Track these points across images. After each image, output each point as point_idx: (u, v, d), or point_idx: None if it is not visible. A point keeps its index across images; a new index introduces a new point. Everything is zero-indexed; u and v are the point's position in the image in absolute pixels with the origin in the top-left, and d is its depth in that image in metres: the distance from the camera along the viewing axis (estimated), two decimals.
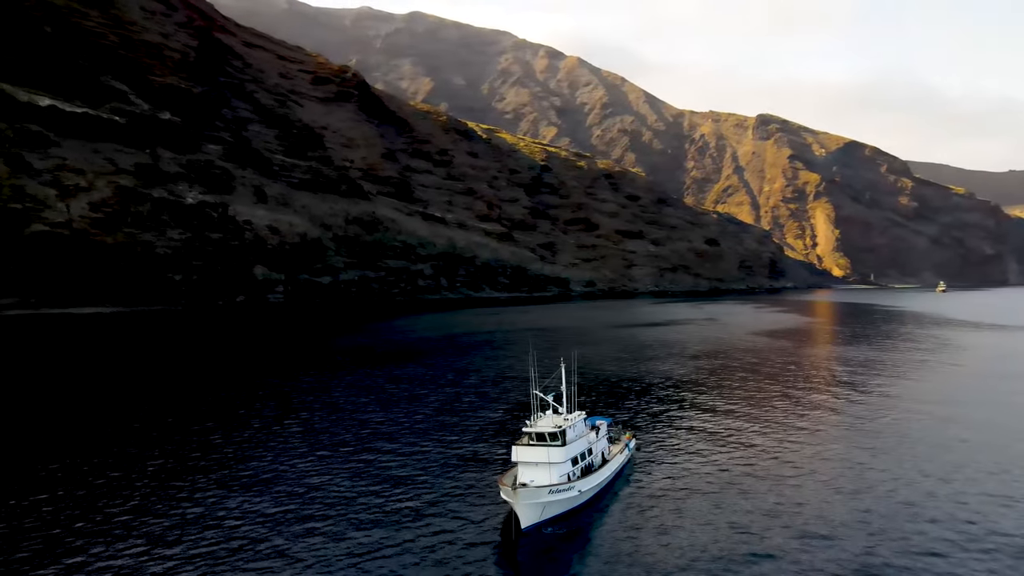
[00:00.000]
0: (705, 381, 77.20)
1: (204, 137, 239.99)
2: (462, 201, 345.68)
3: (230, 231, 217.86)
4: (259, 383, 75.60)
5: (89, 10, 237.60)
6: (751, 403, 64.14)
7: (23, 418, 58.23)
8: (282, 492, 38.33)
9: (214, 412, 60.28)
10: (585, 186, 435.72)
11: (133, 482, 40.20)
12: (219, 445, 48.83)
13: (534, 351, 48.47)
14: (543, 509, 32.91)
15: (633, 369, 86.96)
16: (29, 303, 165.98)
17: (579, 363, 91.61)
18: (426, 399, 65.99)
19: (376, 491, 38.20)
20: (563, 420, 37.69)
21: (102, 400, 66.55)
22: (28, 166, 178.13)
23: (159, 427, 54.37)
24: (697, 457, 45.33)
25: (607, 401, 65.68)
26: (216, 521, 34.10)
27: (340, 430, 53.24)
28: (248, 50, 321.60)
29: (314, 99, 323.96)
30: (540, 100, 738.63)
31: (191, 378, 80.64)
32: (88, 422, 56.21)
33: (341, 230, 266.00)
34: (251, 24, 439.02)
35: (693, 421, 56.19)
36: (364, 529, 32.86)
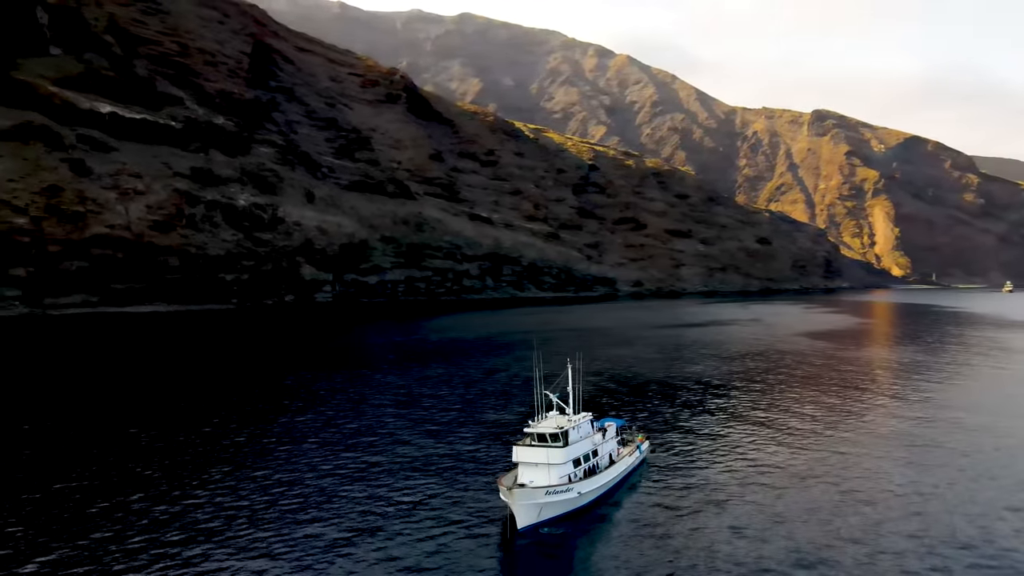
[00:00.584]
0: (735, 384, 76.30)
1: (256, 140, 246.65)
2: (508, 201, 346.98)
3: (280, 232, 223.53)
4: (292, 380, 77.77)
5: (148, 19, 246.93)
6: (778, 408, 62.98)
7: (72, 412, 61.33)
8: (285, 486, 39.67)
9: (242, 408, 62.42)
10: (633, 185, 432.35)
11: (149, 471, 42.18)
12: (237, 439, 50.66)
13: (539, 352, 48.22)
14: (540, 510, 32.99)
15: (663, 370, 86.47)
16: (91, 302, 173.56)
17: (609, 364, 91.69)
18: (447, 398, 66.99)
19: (378, 489, 38.93)
20: (567, 421, 37.63)
21: (144, 396, 69.53)
22: (89, 170, 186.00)
23: (186, 422, 56.62)
24: (713, 464, 44.43)
25: (629, 402, 65.59)
26: (216, 515, 35.52)
27: (357, 427, 54.58)
28: (299, 55, 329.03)
29: (363, 101, 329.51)
30: (589, 99, 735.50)
31: (231, 376, 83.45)
32: (126, 417, 58.88)
33: (388, 230, 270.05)
34: (304, 29, 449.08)
35: (715, 426, 55.44)
36: (361, 525, 33.57)
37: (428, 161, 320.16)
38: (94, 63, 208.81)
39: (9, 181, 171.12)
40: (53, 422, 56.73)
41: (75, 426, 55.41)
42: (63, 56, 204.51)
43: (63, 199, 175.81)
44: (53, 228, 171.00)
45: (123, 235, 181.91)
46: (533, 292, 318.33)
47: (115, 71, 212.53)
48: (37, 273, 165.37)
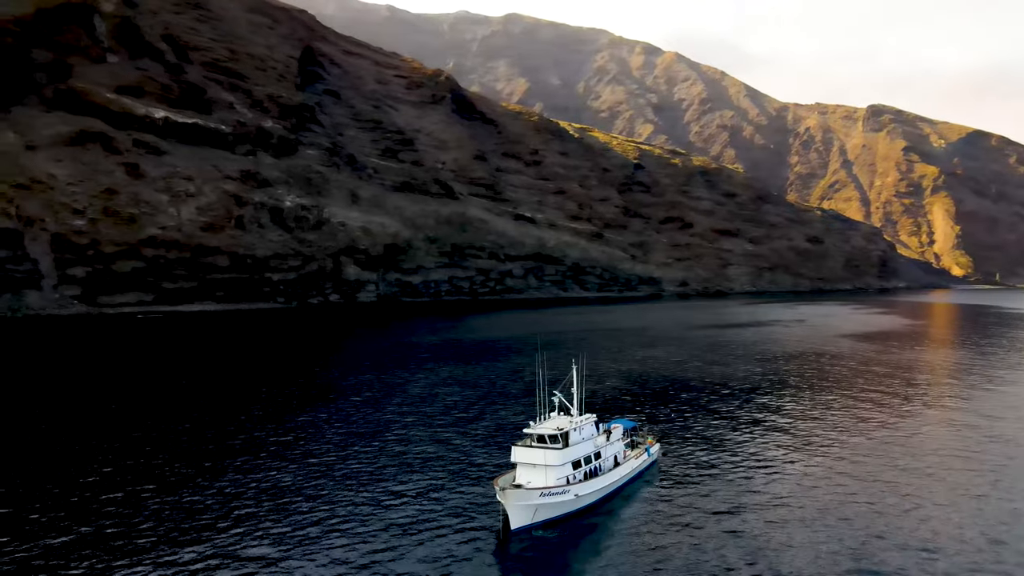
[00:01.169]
0: (763, 387, 75.00)
1: (303, 143, 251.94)
2: (552, 201, 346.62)
3: (325, 232, 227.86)
4: (321, 379, 79.43)
5: (201, 26, 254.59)
6: (803, 414, 61.55)
7: (114, 408, 63.96)
8: (288, 481, 40.74)
9: (266, 404, 64.13)
10: (680, 184, 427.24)
11: (161, 465, 43.81)
12: (255, 434, 52.15)
13: (544, 353, 47.67)
14: (535, 511, 32.98)
15: (691, 372, 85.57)
16: (144, 301, 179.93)
17: (637, 365, 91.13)
18: (468, 398, 67.57)
19: (378, 488, 39.60)
20: (569, 422, 37.41)
21: (174, 393, 71.99)
22: (144, 174, 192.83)
23: (210, 417, 58.46)
24: (726, 471, 43.18)
25: (649, 404, 65.15)
26: (217, 510, 36.74)
27: (372, 425, 55.58)
28: (347, 58, 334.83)
29: (408, 103, 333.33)
30: (636, 97, 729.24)
31: (262, 374, 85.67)
32: (153, 412, 61.13)
33: (432, 230, 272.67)
34: (354, 32, 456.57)
35: (733, 432, 54.23)
36: (358, 524, 34.13)
37: (472, 161, 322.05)
38: (149, 70, 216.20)
39: (68, 185, 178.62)
40: (101, 418, 59.27)
41: (115, 421, 57.82)
42: (120, 64, 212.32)
43: (118, 202, 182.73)
44: (109, 230, 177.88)
45: (174, 236, 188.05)
46: (577, 292, 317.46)
47: (169, 77, 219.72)
48: (94, 273, 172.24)
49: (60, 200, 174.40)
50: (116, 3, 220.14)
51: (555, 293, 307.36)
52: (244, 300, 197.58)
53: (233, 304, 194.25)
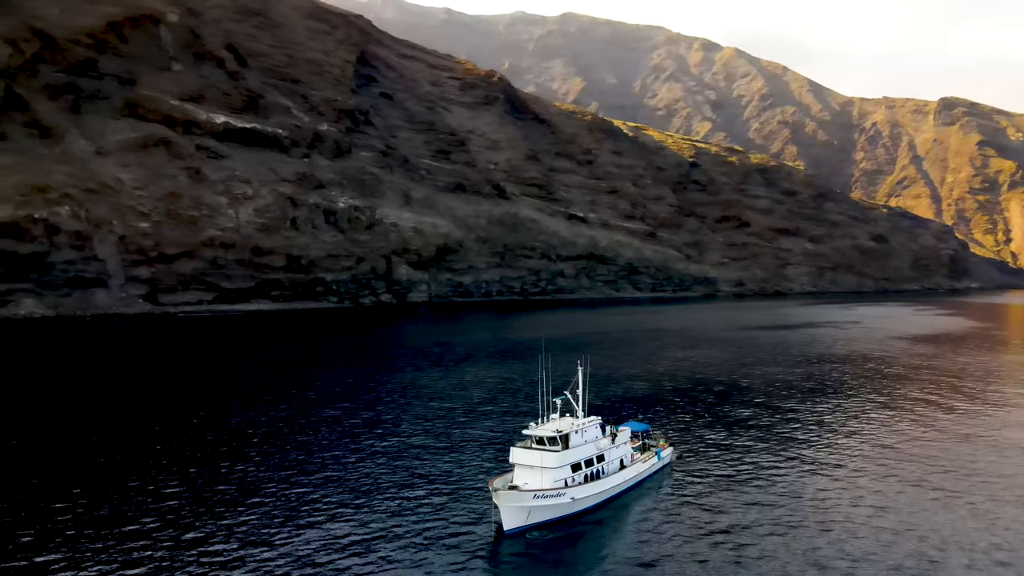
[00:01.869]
0: (795, 392, 72.96)
1: (357, 145, 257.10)
2: (605, 200, 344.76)
3: (377, 233, 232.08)
4: (352, 377, 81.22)
5: (260, 33, 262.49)
6: (832, 423, 59.29)
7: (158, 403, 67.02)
8: (294, 476, 42.03)
9: (292, 402, 66.06)
10: (736, 182, 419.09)
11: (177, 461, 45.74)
12: (274, 428, 53.87)
13: (548, 354, 47.31)
14: (529, 513, 32.74)
15: (727, 374, 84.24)
16: (204, 300, 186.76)
17: (672, 366, 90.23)
18: (493, 397, 68.16)
19: (380, 487, 40.18)
20: (571, 424, 37.11)
21: (209, 391, 74.78)
22: (204, 177, 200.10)
23: (216, 414, 60.61)
24: (742, 480, 41.51)
25: (675, 406, 64.46)
26: (219, 505, 38.21)
27: (389, 423, 56.71)
28: (402, 61, 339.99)
29: (462, 104, 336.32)
30: (694, 95, 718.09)
31: (295, 372, 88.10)
32: (182, 408, 63.74)
33: (483, 231, 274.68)
34: (412, 35, 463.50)
35: (756, 439, 52.41)
36: (348, 521, 34.53)
37: (524, 161, 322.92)
38: (210, 77, 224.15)
39: (135, 189, 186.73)
40: (156, 414, 62.25)
41: (185, 416, 60.62)
42: (184, 72, 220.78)
43: (180, 204, 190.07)
44: (171, 231, 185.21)
45: (232, 238, 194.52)
46: (629, 292, 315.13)
47: (229, 84, 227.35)
48: (157, 273, 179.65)
49: (127, 204, 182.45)
50: (181, 13, 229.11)
51: (607, 293, 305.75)
52: (298, 299, 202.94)
53: (288, 303, 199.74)
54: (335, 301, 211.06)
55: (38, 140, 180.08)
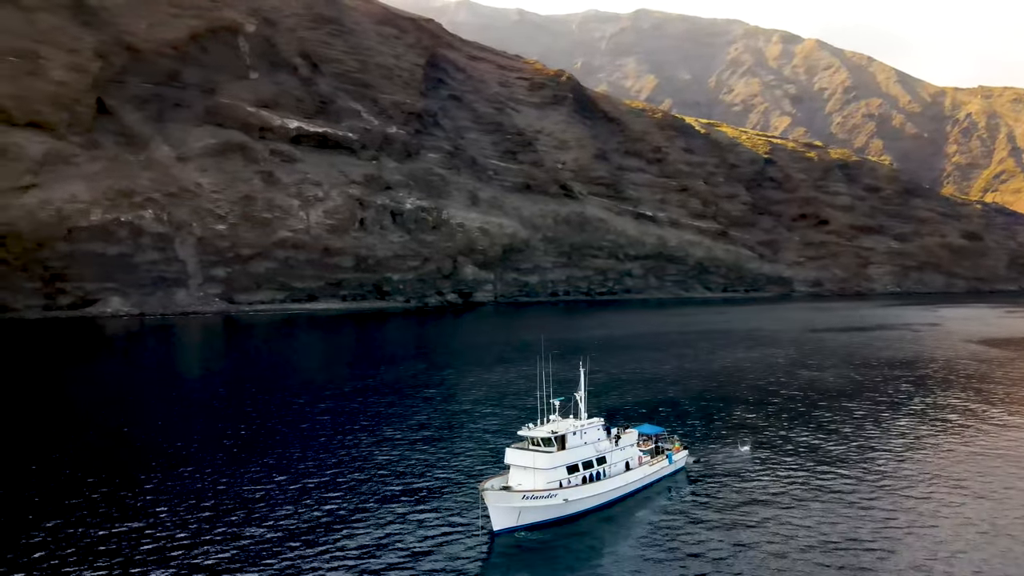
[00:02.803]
0: (843, 398, 69.44)
1: (425, 147, 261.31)
2: (675, 199, 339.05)
3: (443, 233, 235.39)
4: (392, 375, 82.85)
5: (333, 40, 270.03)
6: (874, 435, 55.96)
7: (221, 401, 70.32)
8: (303, 470, 43.24)
9: (329, 399, 67.93)
10: (815, 178, 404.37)
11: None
12: (303, 424, 55.55)
13: (549, 355, 46.48)
14: (519, 514, 32.56)
15: (777, 376, 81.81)
16: (277, 299, 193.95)
17: (720, 368, 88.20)
18: (521, 397, 68.16)
19: (377, 488, 40.72)
20: (570, 425, 36.76)
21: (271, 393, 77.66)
22: (277, 180, 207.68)
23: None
24: (760, 490, 39.35)
25: (711, 409, 62.95)
26: (221, 502, 39.66)
27: (410, 423, 57.60)
28: (471, 63, 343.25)
29: (530, 104, 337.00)
30: (772, 89, 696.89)
31: (342, 372, 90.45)
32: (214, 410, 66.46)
33: (550, 230, 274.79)
34: (484, 36, 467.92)
35: (787, 447, 49.79)
36: (349, 522, 35.00)
37: (592, 161, 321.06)
38: (285, 84, 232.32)
39: (212, 192, 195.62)
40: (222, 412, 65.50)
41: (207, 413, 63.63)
42: (260, 79, 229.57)
43: (255, 207, 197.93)
44: (246, 233, 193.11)
45: (303, 239, 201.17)
46: (699, 292, 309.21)
47: (302, 90, 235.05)
48: (232, 273, 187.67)
49: (205, 207, 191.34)
50: (258, 23, 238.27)
51: (676, 293, 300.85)
52: (366, 299, 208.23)
53: (355, 303, 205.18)
54: (401, 301, 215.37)
55: (125, 147, 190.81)
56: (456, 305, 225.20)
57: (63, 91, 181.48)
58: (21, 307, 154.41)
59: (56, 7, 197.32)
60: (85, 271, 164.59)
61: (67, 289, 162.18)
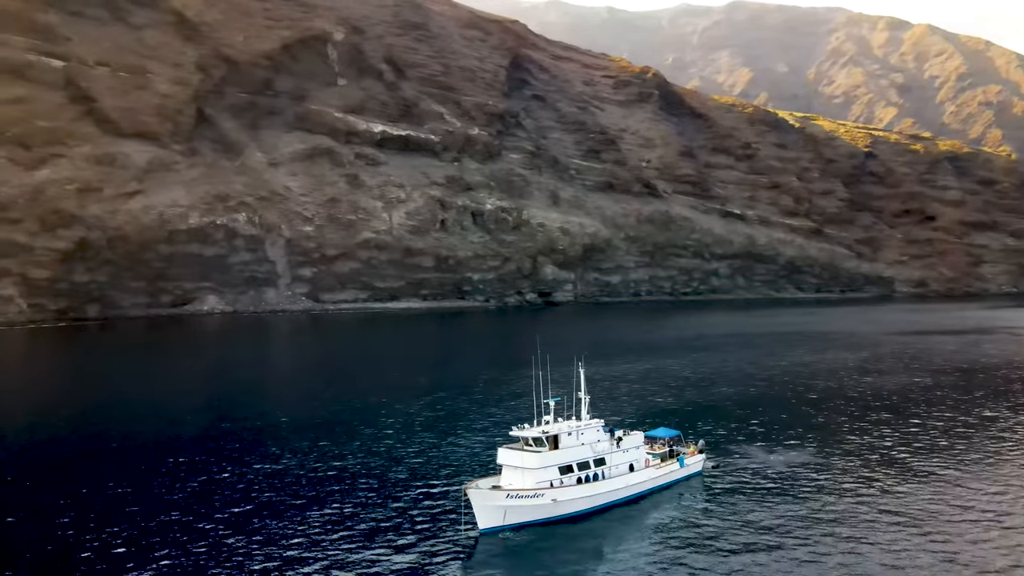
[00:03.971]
0: (900, 407, 64.96)
1: (506, 147, 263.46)
2: (765, 196, 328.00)
3: (523, 233, 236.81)
4: (438, 374, 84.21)
5: (419, 45, 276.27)
6: (923, 449, 51.85)
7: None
8: (311, 465, 44.66)
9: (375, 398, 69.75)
10: (920, 172, 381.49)
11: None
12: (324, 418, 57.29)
13: (548, 356, 45.32)
14: (504, 513, 32.39)
15: (837, 381, 78.23)
16: (360, 299, 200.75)
17: (780, 371, 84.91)
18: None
19: (361, 489, 40.90)
20: (566, 426, 36.27)
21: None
22: (362, 183, 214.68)
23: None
24: (781, 502, 37.00)
25: (749, 413, 60.63)
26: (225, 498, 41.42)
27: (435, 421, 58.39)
28: (556, 63, 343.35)
29: (614, 102, 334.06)
30: (877, 79, 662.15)
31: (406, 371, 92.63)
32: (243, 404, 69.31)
33: (632, 230, 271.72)
34: (573, 35, 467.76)
35: (825, 458, 46.48)
36: (327, 519, 35.21)
37: (678, 158, 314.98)
38: (370, 89, 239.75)
39: (301, 196, 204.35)
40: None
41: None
42: (347, 85, 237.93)
43: (340, 209, 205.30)
44: (332, 234, 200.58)
45: (386, 240, 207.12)
46: (790, 293, 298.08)
47: (387, 95, 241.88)
48: (318, 273, 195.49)
49: (294, 209, 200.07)
50: (346, 32, 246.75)
51: (765, 294, 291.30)
52: (446, 298, 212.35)
53: (436, 302, 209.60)
54: (481, 300, 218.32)
55: (222, 154, 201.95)
56: (535, 305, 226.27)
57: (167, 103, 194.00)
58: (127, 305, 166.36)
59: (162, 24, 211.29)
60: (184, 271, 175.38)
61: (168, 288, 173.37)
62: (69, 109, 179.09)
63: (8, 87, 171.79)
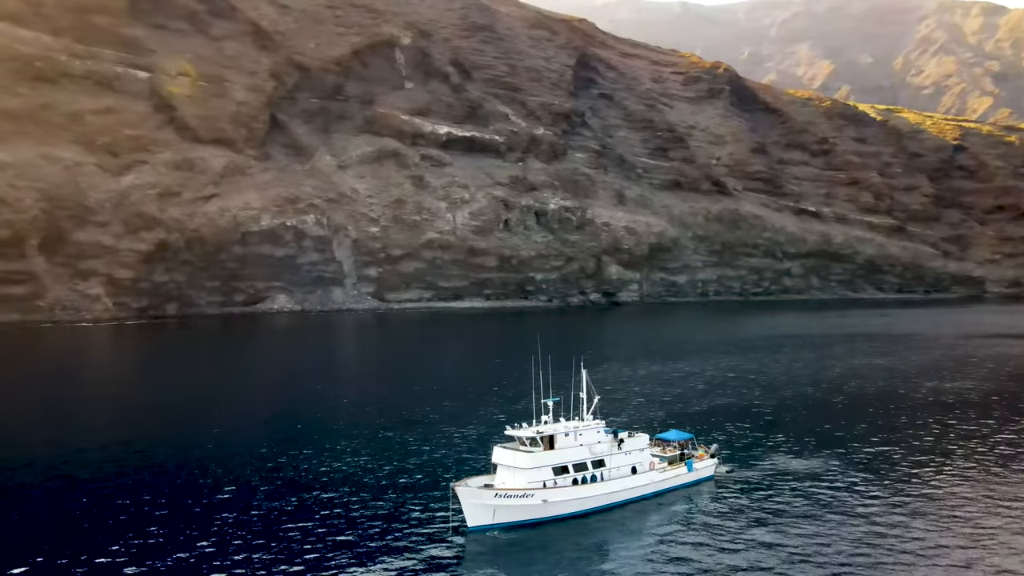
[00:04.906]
0: (964, 417, 61.48)
1: (572, 147, 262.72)
2: (843, 193, 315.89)
3: (587, 233, 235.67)
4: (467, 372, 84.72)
5: (485, 47, 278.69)
6: (959, 466, 47.92)
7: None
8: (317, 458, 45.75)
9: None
10: (1016, 166, 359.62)
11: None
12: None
13: (547, 355, 44.42)
14: (493, 512, 32.45)
15: (893, 386, 75.00)
16: (424, 298, 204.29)
17: (836, 372, 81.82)
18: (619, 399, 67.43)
19: (354, 488, 40.84)
20: (563, 426, 36.05)
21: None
22: (427, 184, 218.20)
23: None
24: (795, 517, 35.31)
25: (780, 418, 58.76)
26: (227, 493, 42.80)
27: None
28: (624, 60, 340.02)
29: (684, 99, 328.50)
30: (970, 67, 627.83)
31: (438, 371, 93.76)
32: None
33: (700, 228, 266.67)
34: (646, 32, 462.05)
35: (854, 471, 43.91)
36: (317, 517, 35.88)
37: (749, 155, 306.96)
38: (436, 92, 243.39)
39: (368, 197, 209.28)
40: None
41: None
42: (414, 88, 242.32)
43: (405, 210, 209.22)
44: (397, 235, 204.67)
45: (449, 240, 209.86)
46: (869, 293, 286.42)
47: (452, 96, 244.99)
48: (384, 273, 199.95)
49: (360, 211, 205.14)
50: (414, 36, 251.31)
51: (842, 294, 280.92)
52: (509, 298, 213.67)
53: (499, 302, 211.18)
54: (544, 300, 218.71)
55: (293, 158, 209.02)
56: (599, 305, 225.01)
57: (242, 110, 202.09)
58: (203, 303, 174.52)
59: (240, 35, 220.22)
60: (256, 271, 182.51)
61: (241, 287, 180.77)
62: (152, 118, 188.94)
63: (99, 98, 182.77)
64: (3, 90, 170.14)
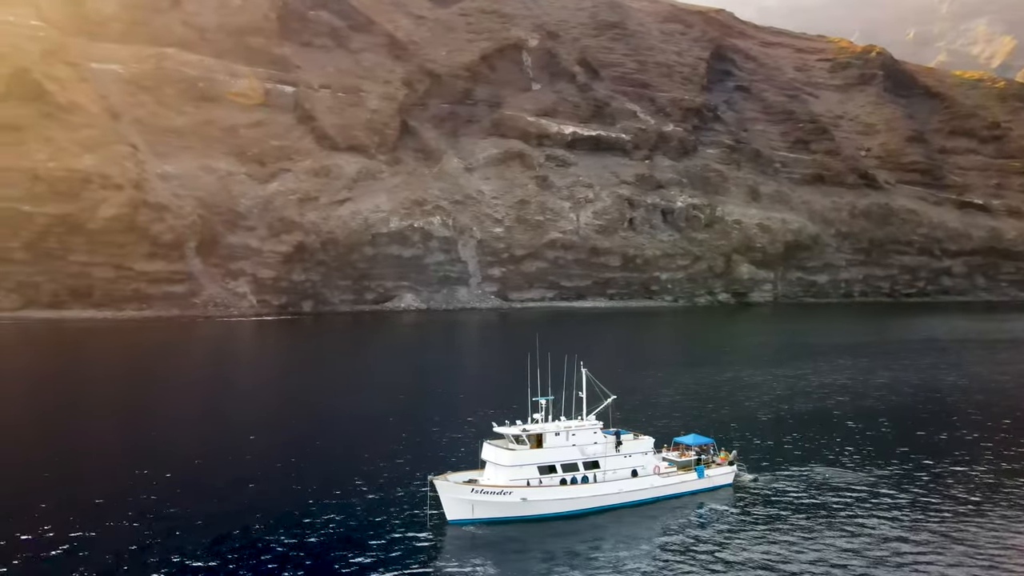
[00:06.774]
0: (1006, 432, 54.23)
1: (703, 142, 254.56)
2: (1018, 184, 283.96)
3: (716, 231, 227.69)
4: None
5: (614, 44, 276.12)
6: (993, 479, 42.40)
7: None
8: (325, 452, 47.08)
9: None
10: None
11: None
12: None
13: (538, 355, 41.88)
14: (472, 507, 32.51)
15: (1001, 394, 66.84)
16: (547, 297, 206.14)
17: (927, 377, 74.34)
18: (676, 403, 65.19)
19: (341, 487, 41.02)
20: (554, 425, 35.52)
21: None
22: (551, 184, 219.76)
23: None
24: (812, 533, 32.76)
25: (829, 428, 53.99)
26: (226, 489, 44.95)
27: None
28: (764, 50, 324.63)
29: (830, 88, 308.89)
30: None
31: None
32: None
33: (844, 225, 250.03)
34: (796, 19, 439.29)
35: (884, 491, 39.32)
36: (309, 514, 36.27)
37: (904, 144, 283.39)
38: (563, 92, 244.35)
39: (492, 198, 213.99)
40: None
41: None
42: (540, 90, 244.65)
43: (528, 210, 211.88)
44: (520, 235, 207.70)
45: (572, 239, 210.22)
46: None
47: (579, 96, 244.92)
48: (507, 272, 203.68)
49: (485, 212, 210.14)
50: (541, 38, 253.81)
51: (1014, 296, 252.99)
52: (633, 298, 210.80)
53: (622, 302, 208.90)
54: (669, 300, 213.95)
55: (423, 162, 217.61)
56: (728, 305, 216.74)
57: (375, 117, 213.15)
58: (337, 301, 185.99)
59: (376, 47, 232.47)
60: (385, 271, 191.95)
61: (371, 286, 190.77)
62: (296, 128, 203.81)
63: (252, 113, 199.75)
64: (171, 109, 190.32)
